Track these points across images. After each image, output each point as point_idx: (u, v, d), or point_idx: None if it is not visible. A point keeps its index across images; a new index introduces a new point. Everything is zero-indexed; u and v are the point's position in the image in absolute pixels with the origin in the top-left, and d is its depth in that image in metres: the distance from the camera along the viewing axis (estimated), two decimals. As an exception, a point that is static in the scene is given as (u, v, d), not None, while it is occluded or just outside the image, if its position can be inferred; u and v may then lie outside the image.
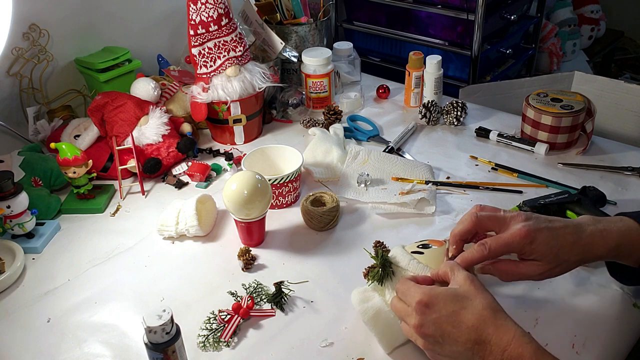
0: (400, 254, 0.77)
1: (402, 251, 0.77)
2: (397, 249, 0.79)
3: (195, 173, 1.15)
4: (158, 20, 1.48)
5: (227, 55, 1.20)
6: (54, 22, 1.26)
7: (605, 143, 1.20)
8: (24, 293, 0.90)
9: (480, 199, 1.06)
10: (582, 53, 2.58)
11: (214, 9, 1.15)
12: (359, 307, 0.76)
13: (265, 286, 0.88)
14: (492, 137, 1.23)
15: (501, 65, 1.92)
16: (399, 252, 0.78)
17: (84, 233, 1.03)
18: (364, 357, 0.75)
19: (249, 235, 0.96)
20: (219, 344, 0.78)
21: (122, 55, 1.31)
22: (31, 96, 1.27)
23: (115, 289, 0.90)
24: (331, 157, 1.16)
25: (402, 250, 0.78)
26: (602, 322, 0.78)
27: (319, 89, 1.37)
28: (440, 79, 1.33)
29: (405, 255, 0.76)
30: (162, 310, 0.66)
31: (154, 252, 0.97)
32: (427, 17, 1.73)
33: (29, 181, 1.09)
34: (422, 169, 1.13)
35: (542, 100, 1.18)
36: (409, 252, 0.77)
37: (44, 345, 0.80)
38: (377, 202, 1.05)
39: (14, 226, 0.97)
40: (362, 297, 0.77)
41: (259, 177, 0.91)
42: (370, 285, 0.78)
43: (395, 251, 0.78)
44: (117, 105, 1.16)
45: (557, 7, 2.50)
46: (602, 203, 1.00)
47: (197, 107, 1.21)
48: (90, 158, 1.10)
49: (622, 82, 1.40)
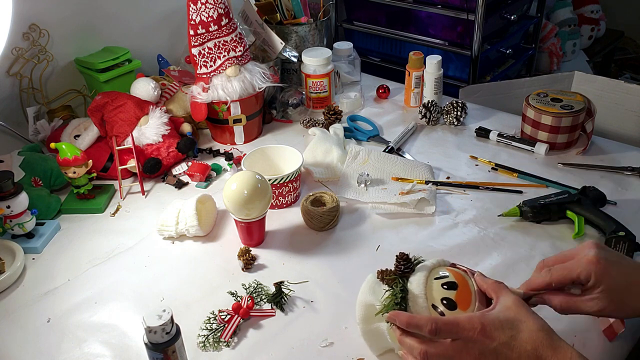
0: (420, 305, 0.67)
1: (423, 300, 0.67)
2: (418, 290, 0.68)
3: (195, 173, 1.15)
4: (158, 20, 1.48)
5: (227, 55, 1.20)
6: (54, 22, 1.26)
7: (605, 143, 1.20)
8: (24, 293, 0.90)
9: (480, 199, 1.06)
10: (582, 53, 2.58)
11: (214, 9, 1.15)
12: (362, 324, 0.73)
13: (265, 286, 0.88)
14: (492, 137, 1.23)
15: (501, 65, 1.92)
16: (419, 300, 0.67)
17: (84, 233, 1.03)
18: (364, 357, 0.75)
19: (249, 235, 0.96)
20: (219, 344, 0.78)
21: (122, 55, 1.31)
22: (31, 96, 1.27)
23: (115, 289, 0.90)
24: (331, 157, 1.16)
25: (423, 299, 0.67)
26: (602, 322, 0.78)
27: (319, 89, 1.37)
28: (440, 79, 1.33)
29: (425, 308, 0.67)
30: (162, 310, 0.66)
31: (154, 252, 0.97)
32: (427, 17, 1.73)
33: (29, 181, 1.09)
34: (422, 169, 1.13)
35: (542, 100, 1.18)
36: (429, 300, 0.67)
37: (44, 345, 0.80)
38: (377, 202, 1.05)
39: (14, 226, 0.97)
40: (367, 315, 0.72)
41: (259, 177, 0.91)
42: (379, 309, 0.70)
43: (414, 293, 0.68)
44: (117, 105, 1.16)
45: (557, 7, 2.49)
46: (602, 203, 1.00)
47: (197, 107, 1.21)
48: (90, 158, 1.10)
49: (622, 82, 1.39)
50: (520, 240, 0.95)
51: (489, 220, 1.00)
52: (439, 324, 0.63)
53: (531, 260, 0.90)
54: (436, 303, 0.67)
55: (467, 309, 0.66)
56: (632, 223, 0.92)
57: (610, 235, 0.90)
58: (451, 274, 0.70)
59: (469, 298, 0.68)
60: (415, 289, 0.68)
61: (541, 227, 0.98)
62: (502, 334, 0.62)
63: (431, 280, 0.69)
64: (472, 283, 0.70)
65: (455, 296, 0.67)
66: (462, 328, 0.62)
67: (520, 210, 0.98)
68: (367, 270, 0.89)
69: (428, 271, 0.70)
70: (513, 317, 0.63)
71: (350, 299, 0.85)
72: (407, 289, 0.68)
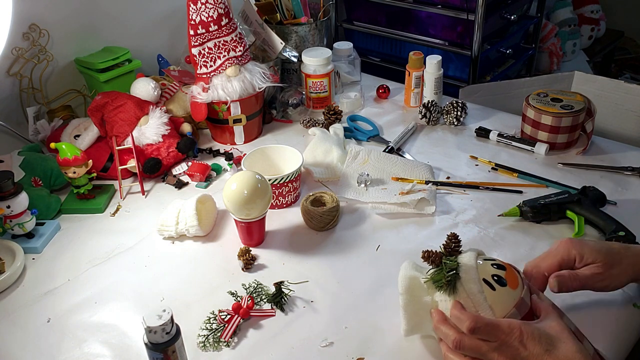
0: (472, 276, 0.68)
1: (475, 272, 0.69)
2: (470, 263, 0.70)
3: (195, 173, 1.15)
4: (158, 20, 1.48)
5: (227, 55, 1.20)
6: (54, 22, 1.26)
7: (605, 143, 1.20)
8: (24, 293, 0.90)
9: (481, 199, 1.06)
10: (582, 53, 2.58)
11: (214, 9, 1.15)
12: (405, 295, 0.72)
13: (265, 286, 0.88)
14: (492, 137, 1.23)
15: (501, 65, 1.92)
16: (472, 271, 0.69)
17: (84, 233, 1.03)
18: (364, 357, 0.75)
19: (249, 235, 0.96)
20: (219, 344, 0.78)
21: (122, 55, 1.31)
22: (31, 96, 1.27)
23: (115, 289, 0.90)
24: (331, 157, 1.16)
25: (475, 271, 0.69)
26: (602, 322, 0.78)
27: (319, 89, 1.37)
28: (440, 79, 1.33)
29: (476, 280, 0.68)
30: (162, 310, 0.66)
31: (154, 252, 0.97)
32: (427, 17, 1.73)
33: (29, 181, 1.09)
34: (422, 169, 1.13)
35: (542, 100, 1.18)
36: (481, 274, 0.69)
37: (44, 345, 0.80)
38: (377, 202, 1.05)
39: (14, 226, 0.97)
40: (412, 286, 0.72)
41: (259, 177, 0.91)
42: (425, 280, 0.72)
43: (467, 265, 0.70)
44: (117, 105, 1.16)
45: (557, 7, 2.50)
46: (602, 203, 1.00)
47: (197, 107, 1.21)
48: (90, 158, 1.10)
49: (622, 82, 1.39)
50: (520, 240, 0.95)
51: (489, 220, 1.00)
52: (479, 323, 0.64)
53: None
54: (487, 278, 0.68)
55: (516, 288, 0.68)
56: (632, 223, 0.93)
57: (610, 235, 0.90)
58: (497, 260, 0.72)
59: (516, 280, 0.69)
60: (465, 262, 0.70)
61: (541, 227, 0.98)
62: (538, 346, 0.62)
63: (481, 259, 0.71)
64: (518, 273, 0.71)
65: (505, 275, 0.69)
66: (501, 331, 0.63)
67: (520, 210, 0.98)
68: (367, 271, 0.90)
69: (476, 251, 0.73)
70: (554, 335, 0.64)
71: (350, 299, 0.85)
72: (458, 263, 0.70)
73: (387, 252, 0.94)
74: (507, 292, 0.67)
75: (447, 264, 0.70)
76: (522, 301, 0.67)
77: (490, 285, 0.68)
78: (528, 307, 0.68)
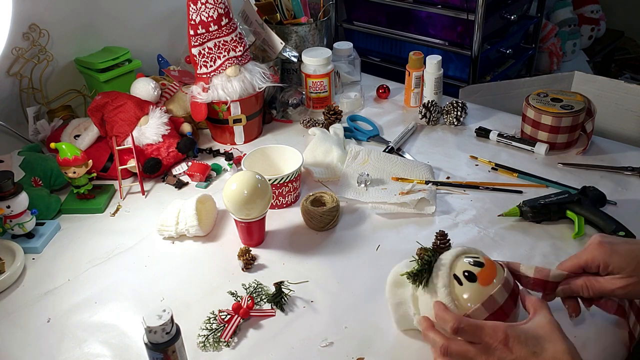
0: (441, 271, 0.70)
1: (446, 268, 0.70)
2: (445, 259, 0.71)
3: (195, 173, 1.15)
4: (158, 20, 1.48)
5: (227, 55, 1.20)
6: (54, 22, 1.26)
7: (605, 143, 1.20)
8: (24, 293, 0.90)
9: (481, 199, 1.06)
10: (582, 53, 2.58)
11: (214, 9, 1.15)
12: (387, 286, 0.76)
13: (265, 286, 0.88)
14: (492, 137, 1.23)
15: (501, 65, 1.92)
16: (444, 267, 0.71)
17: (84, 233, 1.03)
18: (364, 357, 0.75)
19: (249, 235, 0.96)
20: (219, 344, 0.78)
21: (122, 55, 1.31)
22: (31, 96, 1.27)
23: (115, 289, 0.90)
24: (331, 157, 1.16)
25: (446, 267, 0.70)
26: (602, 322, 0.78)
27: (319, 89, 1.37)
28: (440, 79, 1.33)
29: (445, 275, 0.70)
30: (162, 310, 0.66)
31: (154, 252, 0.97)
32: (427, 17, 1.73)
33: (29, 181, 1.09)
34: (422, 169, 1.13)
35: (542, 100, 1.18)
36: (453, 269, 0.70)
37: (44, 345, 0.80)
38: (377, 202, 1.05)
39: (14, 226, 0.97)
40: (395, 280, 0.76)
41: (259, 177, 0.91)
42: (402, 274, 0.74)
43: (443, 260, 0.72)
44: (117, 105, 1.16)
45: (557, 7, 2.50)
46: (602, 203, 1.00)
47: (197, 107, 1.21)
48: (90, 158, 1.10)
49: (622, 82, 1.40)
50: (520, 240, 0.95)
51: (489, 220, 1.00)
52: (463, 323, 0.64)
53: (531, 260, 0.90)
54: (458, 274, 0.69)
55: (487, 285, 0.68)
56: (632, 223, 0.93)
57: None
58: (483, 258, 0.72)
59: (491, 278, 0.69)
60: (443, 259, 0.71)
61: (541, 227, 0.98)
62: (524, 349, 0.61)
63: (461, 257, 0.72)
64: (501, 272, 0.70)
65: (479, 272, 0.69)
66: (485, 333, 0.63)
67: (520, 210, 0.98)
68: (367, 271, 0.90)
69: (462, 250, 0.73)
70: (542, 336, 0.63)
71: (350, 299, 0.85)
72: (435, 258, 0.71)
73: (387, 252, 0.94)
74: (475, 289, 0.68)
75: (424, 259, 0.71)
76: (491, 299, 0.67)
77: (459, 280, 0.69)
78: (499, 305, 0.67)
